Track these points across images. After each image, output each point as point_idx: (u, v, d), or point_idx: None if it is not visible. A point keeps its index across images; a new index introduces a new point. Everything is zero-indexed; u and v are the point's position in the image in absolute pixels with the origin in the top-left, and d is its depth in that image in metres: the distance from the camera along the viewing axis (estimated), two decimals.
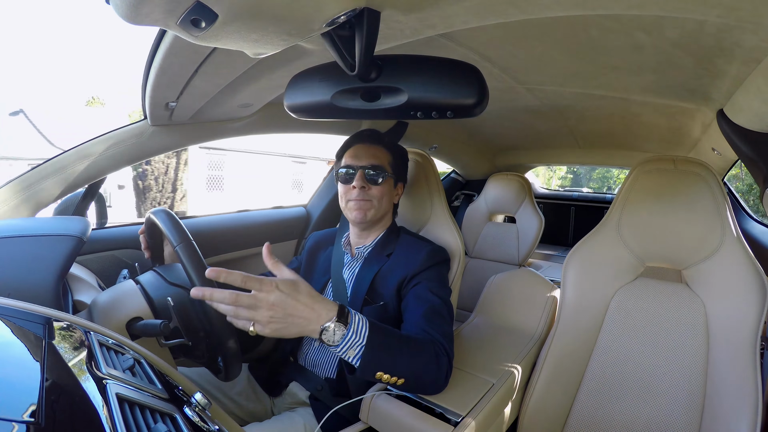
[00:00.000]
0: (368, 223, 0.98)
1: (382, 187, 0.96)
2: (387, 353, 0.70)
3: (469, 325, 1.21)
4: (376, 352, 0.69)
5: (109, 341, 0.53)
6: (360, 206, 0.95)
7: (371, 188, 0.95)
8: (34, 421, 0.31)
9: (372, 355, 0.68)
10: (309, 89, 0.66)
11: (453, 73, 0.59)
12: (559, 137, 1.83)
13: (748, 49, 0.67)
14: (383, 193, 0.97)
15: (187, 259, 0.71)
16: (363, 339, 0.68)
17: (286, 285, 0.63)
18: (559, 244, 2.92)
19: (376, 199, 0.96)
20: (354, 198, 0.95)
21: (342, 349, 0.68)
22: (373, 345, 0.68)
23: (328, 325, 0.65)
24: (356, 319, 0.69)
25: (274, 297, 0.61)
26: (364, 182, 0.94)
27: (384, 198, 0.97)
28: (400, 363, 0.72)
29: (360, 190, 0.94)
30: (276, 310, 0.61)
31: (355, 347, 0.68)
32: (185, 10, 0.40)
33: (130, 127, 1.06)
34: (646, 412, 0.88)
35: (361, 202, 0.95)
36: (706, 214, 0.87)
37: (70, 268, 0.78)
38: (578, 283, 1.00)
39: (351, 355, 0.68)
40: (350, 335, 0.67)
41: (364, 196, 0.95)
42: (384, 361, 0.70)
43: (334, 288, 0.99)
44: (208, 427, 0.46)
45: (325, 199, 1.76)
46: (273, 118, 1.26)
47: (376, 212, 0.97)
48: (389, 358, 0.70)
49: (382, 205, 0.97)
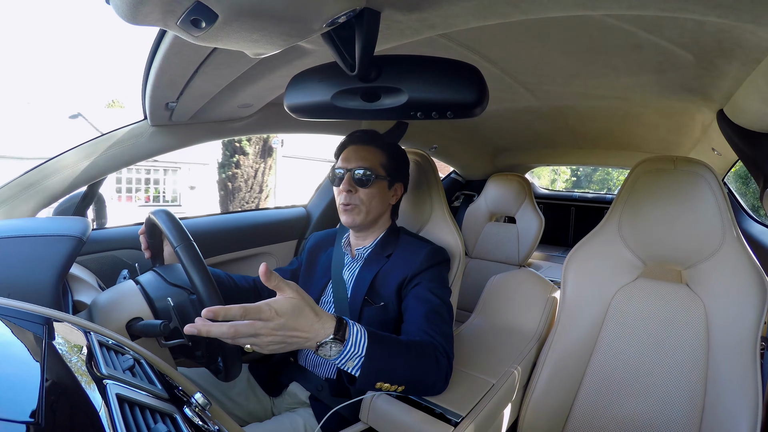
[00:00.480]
0: (359, 226, 0.97)
1: (371, 190, 0.95)
2: (387, 363, 0.70)
3: (469, 325, 1.21)
4: (376, 363, 0.68)
5: (109, 341, 0.53)
6: (348, 210, 0.95)
7: (359, 191, 0.95)
8: (34, 421, 0.31)
9: (371, 366, 0.68)
10: (309, 89, 0.66)
11: (453, 73, 0.59)
12: (559, 137, 1.83)
13: (748, 49, 0.67)
14: (372, 195, 0.95)
15: (188, 261, 0.71)
16: (362, 351, 0.68)
17: (287, 310, 0.61)
18: (559, 244, 2.92)
19: (364, 202, 0.95)
20: (342, 201, 0.95)
21: (341, 361, 0.68)
22: (372, 356, 0.68)
23: (325, 342, 0.65)
24: (354, 331, 0.68)
25: (274, 324, 0.59)
26: (351, 185, 0.94)
27: (374, 200, 0.95)
28: (400, 371, 0.72)
29: (347, 193, 0.94)
30: (275, 336, 0.60)
31: (355, 359, 0.68)
32: (185, 10, 0.40)
33: (130, 128, 1.06)
34: (647, 412, 0.88)
35: (350, 205, 0.94)
36: (706, 214, 0.87)
37: (70, 268, 0.78)
38: (578, 283, 1.00)
39: (350, 366, 0.68)
40: (349, 347, 0.67)
41: (351, 199, 0.94)
42: (384, 371, 0.70)
43: (334, 289, 0.99)
44: (208, 427, 0.46)
45: (325, 199, 1.76)
46: (273, 118, 1.26)
47: (366, 216, 0.96)
48: (389, 368, 0.70)
49: (371, 208, 0.96)
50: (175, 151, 1.13)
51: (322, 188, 1.81)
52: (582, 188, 16.61)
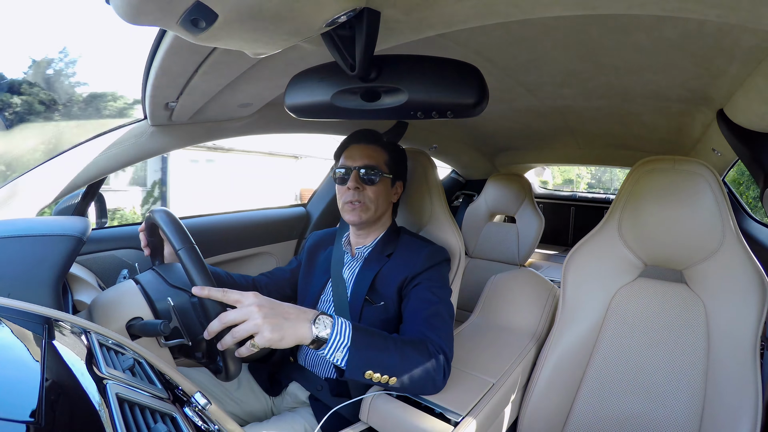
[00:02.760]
0: (365, 223, 0.98)
1: (378, 187, 0.96)
2: (373, 351, 0.73)
3: (469, 325, 1.21)
4: (362, 351, 0.71)
5: (109, 341, 0.53)
6: (355, 207, 0.95)
7: (366, 188, 0.95)
8: (34, 421, 0.31)
9: (358, 353, 0.71)
10: (309, 89, 0.66)
11: (453, 73, 0.59)
12: (559, 137, 1.83)
13: (748, 49, 0.67)
14: (379, 193, 0.96)
15: (190, 264, 0.71)
16: (347, 339, 0.71)
17: (258, 294, 0.69)
18: (559, 244, 2.92)
19: (371, 199, 0.96)
20: (349, 199, 0.95)
21: (330, 351, 0.70)
22: (357, 344, 0.71)
23: (315, 316, 0.70)
24: (338, 321, 0.73)
25: (258, 300, 0.67)
26: (358, 183, 0.95)
27: (380, 198, 0.97)
28: (389, 360, 0.73)
29: (354, 191, 0.94)
30: (265, 310, 0.66)
31: (342, 349, 0.70)
32: (185, 10, 0.40)
33: (130, 127, 1.06)
34: (647, 412, 0.88)
35: (357, 203, 0.95)
36: (706, 214, 0.87)
37: (70, 268, 0.78)
38: (578, 283, 1.00)
39: (339, 357, 0.71)
40: (334, 335, 0.70)
41: (359, 197, 0.95)
42: (371, 358, 0.72)
43: (333, 287, 0.99)
44: (208, 427, 0.46)
45: (325, 199, 1.76)
46: (273, 118, 1.26)
47: (373, 213, 0.97)
48: (376, 355, 0.72)
49: (378, 206, 0.97)
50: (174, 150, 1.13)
51: (321, 188, 1.81)
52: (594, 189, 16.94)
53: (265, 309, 0.66)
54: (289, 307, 0.70)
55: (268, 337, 0.64)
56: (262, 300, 0.68)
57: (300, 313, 0.70)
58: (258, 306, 0.66)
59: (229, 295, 0.67)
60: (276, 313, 0.67)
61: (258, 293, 0.69)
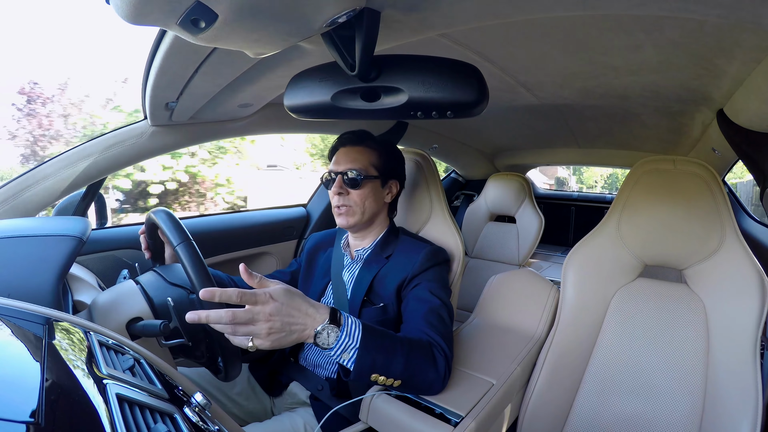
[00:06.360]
0: (354, 227, 0.98)
1: (363, 191, 0.95)
2: (381, 354, 0.71)
3: (469, 325, 1.21)
4: (370, 354, 0.69)
5: (109, 341, 0.53)
6: (342, 212, 0.95)
7: (350, 192, 0.95)
8: (34, 421, 0.31)
9: (366, 356, 0.69)
10: (309, 89, 0.66)
11: (453, 73, 0.59)
12: (559, 137, 1.83)
13: (748, 49, 0.67)
14: (364, 196, 0.95)
15: (188, 260, 0.71)
16: (356, 342, 0.69)
17: (280, 294, 0.63)
18: (560, 244, 2.91)
19: (357, 203, 0.95)
20: (335, 204, 0.96)
21: (336, 352, 0.68)
22: (366, 347, 0.69)
23: (322, 328, 0.66)
24: (349, 322, 0.70)
25: (271, 308, 0.61)
26: (341, 188, 0.94)
27: (366, 201, 0.95)
28: (395, 364, 0.72)
29: (339, 196, 0.94)
30: (274, 321, 0.61)
31: (350, 350, 0.68)
32: (185, 10, 0.40)
33: (130, 127, 1.06)
34: (647, 412, 0.88)
35: (343, 207, 0.95)
36: (705, 214, 0.87)
37: (70, 268, 0.78)
38: (578, 283, 1.00)
39: (346, 359, 0.69)
40: (343, 337, 0.68)
41: (344, 201, 0.95)
42: (378, 362, 0.70)
43: (334, 290, 0.99)
44: (208, 427, 0.46)
45: (325, 199, 1.76)
46: (273, 118, 1.26)
47: (361, 216, 0.96)
48: (383, 359, 0.71)
49: (365, 209, 0.96)
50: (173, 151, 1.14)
51: (321, 188, 1.81)
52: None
53: (274, 320, 0.61)
54: (299, 315, 0.64)
55: (265, 346, 0.62)
56: (275, 308, 0.62)
57: (309, 320, 0.65)
58: (267, 317, 0.61)
59: (245, 298, 0.61)
60: (283, 325, 0.62)
61: (276, 294, 0.63)
